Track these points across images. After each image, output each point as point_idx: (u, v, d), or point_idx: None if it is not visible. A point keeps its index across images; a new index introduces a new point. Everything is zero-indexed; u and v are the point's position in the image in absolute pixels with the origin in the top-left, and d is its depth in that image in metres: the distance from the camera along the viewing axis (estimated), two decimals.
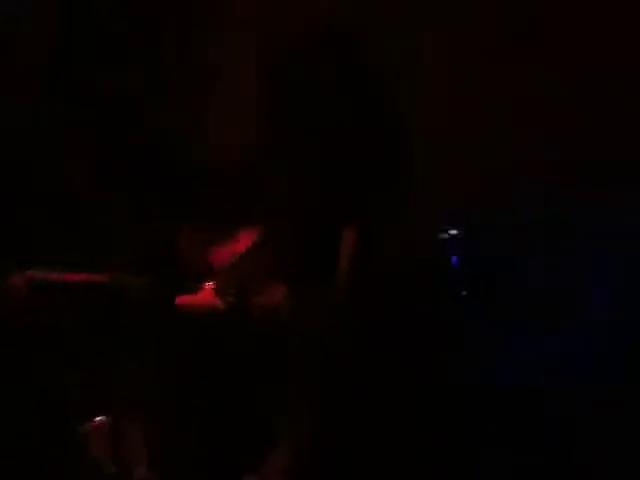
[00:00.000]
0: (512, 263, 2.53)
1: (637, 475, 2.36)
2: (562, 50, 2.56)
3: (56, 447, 2.40)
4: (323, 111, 2.52)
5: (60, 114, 2.59)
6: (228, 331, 2.45)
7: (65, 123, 2.59)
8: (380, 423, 2.39)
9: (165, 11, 2.65)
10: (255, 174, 2.51)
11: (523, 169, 2.54)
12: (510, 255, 2.53)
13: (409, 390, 2.42)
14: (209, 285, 2.49)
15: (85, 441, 2.41)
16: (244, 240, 2.50)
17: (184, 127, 2.60)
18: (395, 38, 2.58)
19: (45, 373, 2.43)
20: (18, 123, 2.59)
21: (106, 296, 2.46)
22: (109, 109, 2.59)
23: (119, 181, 2.55)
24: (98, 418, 2.43)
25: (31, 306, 2.47)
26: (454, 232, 2.54)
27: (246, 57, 2.59)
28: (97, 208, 2.53)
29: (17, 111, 2.59)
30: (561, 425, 2.42)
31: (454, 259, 2.53)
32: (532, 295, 2.50)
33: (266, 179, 2.50)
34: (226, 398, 2.42)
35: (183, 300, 2.48)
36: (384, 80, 2.56)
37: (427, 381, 2.44)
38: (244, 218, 2.50)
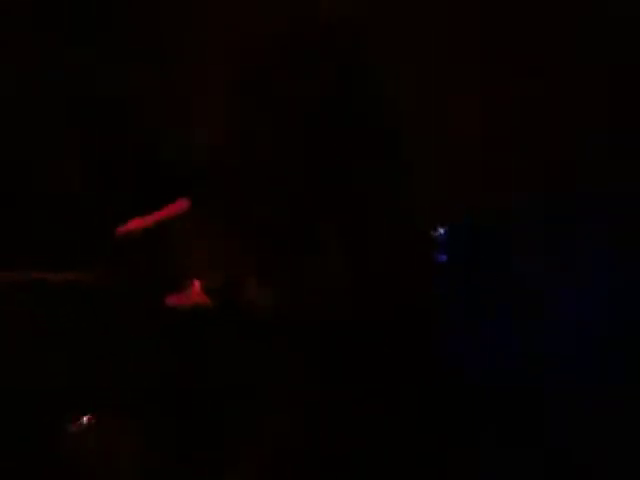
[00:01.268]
0: (508, 263, 2.53)
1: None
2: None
3: (40, 447, 2.39)
4: (321, 111, 2.52)
5: (56, 113, 2.59)
6: (218, 330, 2.45)
7: (61, 122, 2.59)
8: (370, 420, 2.40)
9: (163, 11, 2.65)
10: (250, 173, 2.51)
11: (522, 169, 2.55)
12: (505, 255, 2.54)
13: (400, 386, 2.43)
14: (197, 283, 2.47)
15: (70, 441, 2.41)
16: (231, 238, 2.49)
17: (181, 127, 2.60)
18: (394, 38, 2.58)
19: (29, 373, 2.42)
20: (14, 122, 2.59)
21: (91, 296, 2.45)
22: (107, 109, 2.59)
23: (115, 181, 2.55)
24: (84, 418, 2.42)
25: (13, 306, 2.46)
26: (445, 230, 2.54)
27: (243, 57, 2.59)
28: (92, 208, 2.53)
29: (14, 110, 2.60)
30: (553, 425, 2.43)
31: (446, 258, 2.54)
32: (526, 293, 2.51)
33: (260, 178, 2.50)
34: (216, 398, 2.43)
35: (171, 300, 2.46)
36: (381, 79, 2.56)
37: (417, 378, 2.45)
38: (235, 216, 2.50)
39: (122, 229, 2.46)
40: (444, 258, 2.53)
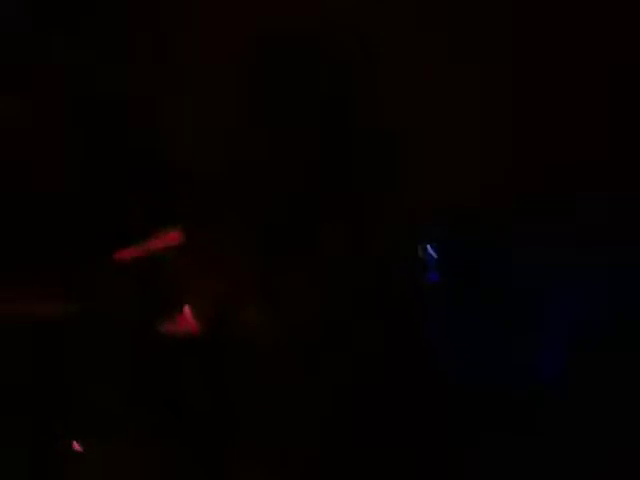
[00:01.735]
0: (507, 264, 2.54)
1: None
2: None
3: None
4: (313, 110, 2.52)
5: (56, 113, 2.59)
6: (210, 355, 2.46)
7: (61, 122, 2.59)
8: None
9: (163, 10, 2.65)
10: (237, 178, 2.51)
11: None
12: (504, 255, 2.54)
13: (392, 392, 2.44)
14: (188, 308, 2.48)
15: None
16: (222, 259, 2.49)
17: (167, 129, 2.60)
18: (394, 38, 2.58)
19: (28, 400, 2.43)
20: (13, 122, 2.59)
21: (84, 322, 2.46)
22: (107, 109, 2.59)
23: (114, 181, 2.56)
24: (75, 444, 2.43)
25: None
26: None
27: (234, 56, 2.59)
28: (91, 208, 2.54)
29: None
30: (551, 426, 2.44)
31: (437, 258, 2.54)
32: (524, 293, 2.52)
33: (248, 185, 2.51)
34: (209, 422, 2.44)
35: (163, 326, 2.47)
36: (379, 79, 2.56)
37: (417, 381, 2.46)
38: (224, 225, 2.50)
39: (116, 257, 2.47)
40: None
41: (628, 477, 2.40)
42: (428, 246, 2.52)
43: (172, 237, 2.47)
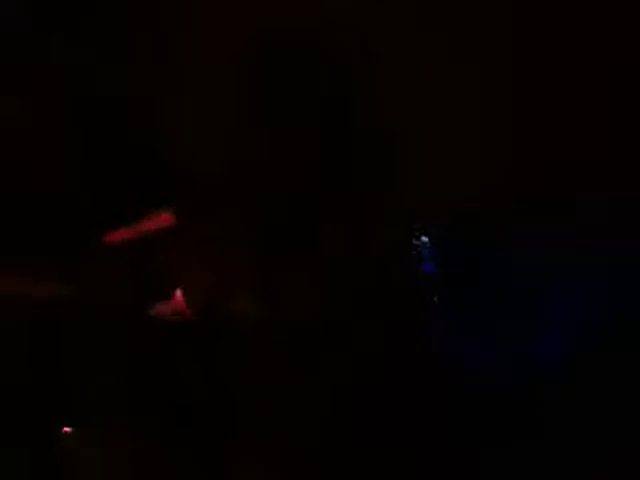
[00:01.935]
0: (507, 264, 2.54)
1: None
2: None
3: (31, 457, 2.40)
4: (313, 110, 2.52)
5: (56, 113, 2.59)
6: (199, 340, 2.46)
7: (61, 122, 2.59)
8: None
9: (163, 10, 2.65)
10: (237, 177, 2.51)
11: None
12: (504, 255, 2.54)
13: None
14: (179, 292, 2.48)
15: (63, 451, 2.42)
16: (220, 256, 2.49)
17: (167, 129, 2.60)
18: (394, 37, 2.57)
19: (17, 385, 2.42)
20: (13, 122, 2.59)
21: (75, 306, 2.46)
22: (107, 109, 2.59)
23: (114, 181, 2.56)
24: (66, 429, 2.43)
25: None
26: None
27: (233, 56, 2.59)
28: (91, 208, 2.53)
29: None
30: (551, 426, 2.44)
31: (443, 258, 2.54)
32: (524, 293, 2.52)
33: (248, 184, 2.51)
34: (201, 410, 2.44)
35: (154, 309, 2.47)
36: (380, 79, 2.56)
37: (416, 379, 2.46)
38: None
39: (108, 239, 2.47)
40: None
41: (628, 477, 2.40)
42: (424, 237, 2.52)
43: (164, 219, 2.47)
